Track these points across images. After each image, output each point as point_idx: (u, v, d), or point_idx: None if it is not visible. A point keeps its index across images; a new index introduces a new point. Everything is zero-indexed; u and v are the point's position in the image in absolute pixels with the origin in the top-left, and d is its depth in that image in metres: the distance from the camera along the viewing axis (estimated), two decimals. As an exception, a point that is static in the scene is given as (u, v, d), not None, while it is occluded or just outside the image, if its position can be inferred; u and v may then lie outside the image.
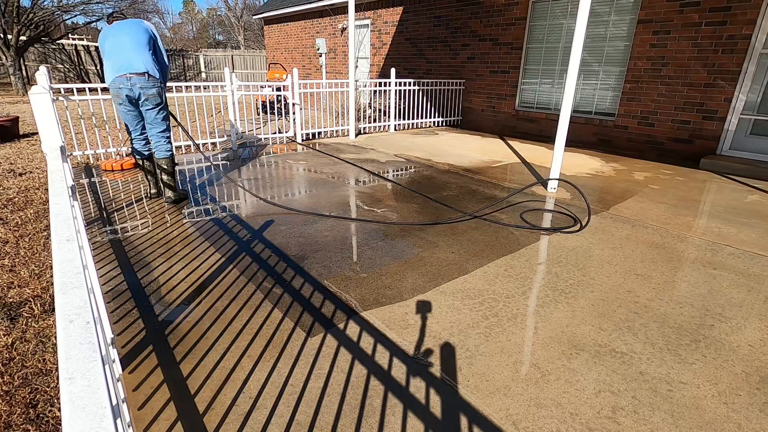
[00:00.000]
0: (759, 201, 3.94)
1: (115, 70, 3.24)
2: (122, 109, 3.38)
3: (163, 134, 3.54)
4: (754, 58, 4.92)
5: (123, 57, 3.25)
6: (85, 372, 0.51)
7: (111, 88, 3.29)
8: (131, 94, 3.30)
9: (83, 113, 6.05)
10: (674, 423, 1.47)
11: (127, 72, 3.23)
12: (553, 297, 2.27)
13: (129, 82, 3.24)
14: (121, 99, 3.31)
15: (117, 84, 3.25)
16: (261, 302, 2.18)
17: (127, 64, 3.24)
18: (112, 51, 3.28)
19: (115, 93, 3.30)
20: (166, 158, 3.57)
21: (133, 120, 3.47)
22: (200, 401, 1.54)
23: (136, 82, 3.26)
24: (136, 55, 3.28)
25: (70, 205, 1.13)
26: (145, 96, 3.33)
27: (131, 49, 3.27)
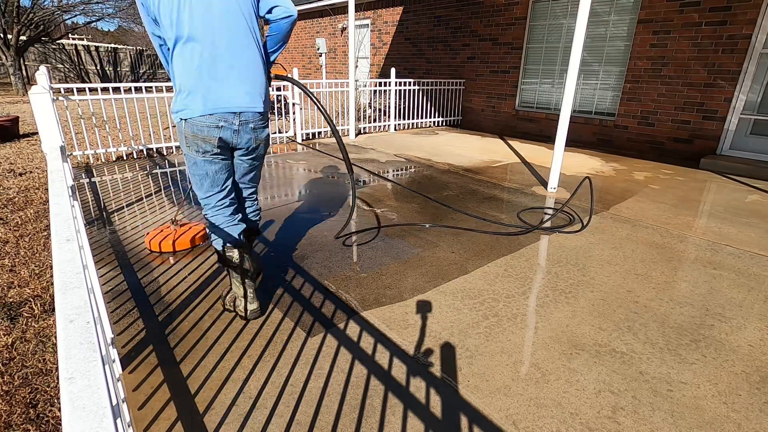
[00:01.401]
0: (759, 201, 3.94)
1: (211, 97, 1.76)
2: (207, 160, 1.86)
3: (256, 193, 2.22)
4: (754, 58, 4.91)
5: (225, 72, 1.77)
6: (85, 372, 0.51)
7: (195, 125, 1.77)
8: (234, 141, 1.86)
9: (83, 113, 6.05)
10: (674, 423, 1.47)
11: (237, 107, 1.80)
12: (553, 297, 2.27)
13: (237, 119, 1.81)
14: (211, 145, 1.82)
15: (213, 122, 1.78)
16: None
17: (235, 92, 1.79)
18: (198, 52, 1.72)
19: (201, 134, 1.79)
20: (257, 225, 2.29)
21: (221, 177, 1.94)
22: (200, 401, 1.54)
23: (249, 120, 1.85)
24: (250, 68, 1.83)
25: (70, 205, 1.13)
26: (256, 142, 1.94)
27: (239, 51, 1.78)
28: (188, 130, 1.79)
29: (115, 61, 18.60)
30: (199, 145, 1.81)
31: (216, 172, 1.91)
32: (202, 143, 1.81)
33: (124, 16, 18.49)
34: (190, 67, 1.73)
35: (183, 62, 1.74)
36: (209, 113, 1.76)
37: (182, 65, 1.74)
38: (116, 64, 18.65)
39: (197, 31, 1.70)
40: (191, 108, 1.76)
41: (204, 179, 1.91)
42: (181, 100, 1.77)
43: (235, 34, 1.76)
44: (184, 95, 1.75)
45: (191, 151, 1.85)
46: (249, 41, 1.80)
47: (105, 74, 18.27)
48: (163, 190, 4.00)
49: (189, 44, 1.71)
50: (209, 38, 1.72)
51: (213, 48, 1.73)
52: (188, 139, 1.81)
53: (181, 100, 1.77)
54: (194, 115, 1.76)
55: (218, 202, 1.97)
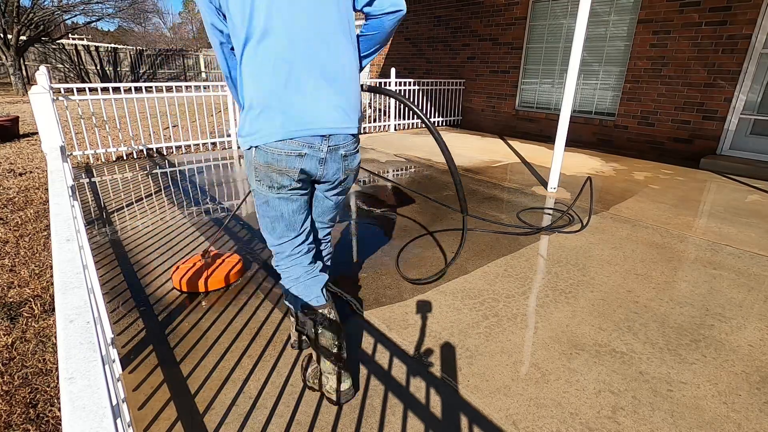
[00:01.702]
0: (759, 201, 3.94)
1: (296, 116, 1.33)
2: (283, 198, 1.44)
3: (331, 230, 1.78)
4: (754, 58, 4.91)
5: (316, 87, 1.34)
6: (85, 372, 0.51)
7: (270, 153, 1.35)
8: (317, 171, 1.43)
9: (83, 113, 6.05)
10: (674, 423, 1.47)
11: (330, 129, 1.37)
12: (553, 297, 2.27)
13: (325, 145, 1.38)
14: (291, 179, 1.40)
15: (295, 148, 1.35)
16: (261, 302, 2.17)
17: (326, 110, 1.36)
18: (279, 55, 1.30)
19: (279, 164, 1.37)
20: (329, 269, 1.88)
21: (299, 219, 1.52)
22: (200, 401, 1.54)
23: (340, 144, 1.42)
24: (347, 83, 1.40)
25: (70, 205, 1.13)
26: (345, 173, 1.51)
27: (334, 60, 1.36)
28: (260, 160, 1.35)
29: (115, 61, 18.60)
30: (274, 179, 1.37)
31: (294, 212, 1.47)
32: (277, 176, 1.36)
33: (124, 16, 18.50)
34: (267, 74, 1.28)
35: (256, 68, 1.29)
36: (290, 137, 1.31)
37: (255, 72, 1.29)
38: (116, 64, 18.65)
39: (278, 28, 1.26)
40: (266, 130, 1.31)
41: (277, 222, 1.48)
42: (251, 121, 1.32)
43: (328, 32, 1.32)
44: (256, 113, 1.31)
45: (263, 186, 1.41)
46: (345, 42, 1.35)
47: (105, 74, 18.28)
48: (164, 190, 4.00)
49: (265, 44, 1.27)
50: (294, 37, 1.27)
51: (298, 50, 1.28)
52: (259, 171, 1.37)
53: (252, 120, 1.32)
54: (270, 140, 1.31)
55: (294, 249, 1.53)
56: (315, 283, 1.55)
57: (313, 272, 1.57)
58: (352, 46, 1.39)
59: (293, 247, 1.54)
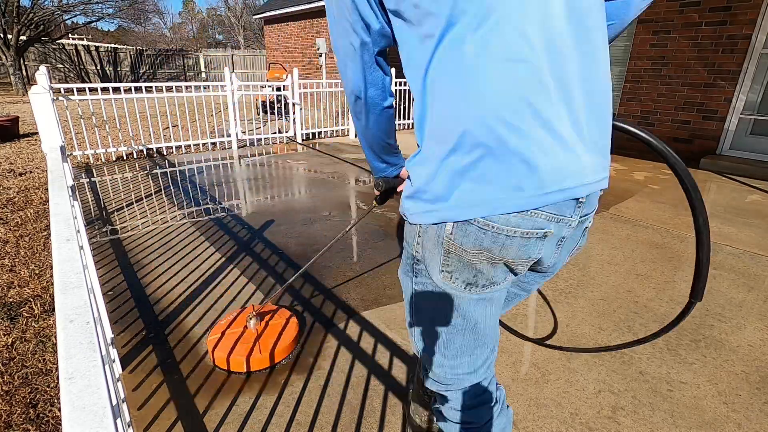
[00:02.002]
0: (759, 201, 3.94)
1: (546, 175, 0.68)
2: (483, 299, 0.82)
3: None
4: (754, 58, 4.91)
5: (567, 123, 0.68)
6: (85, 372, 0.51)
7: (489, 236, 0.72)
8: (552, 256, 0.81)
9: (83, 113, 6.05)
10: (674, 423, 1.47)
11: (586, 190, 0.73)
12: (553, 297, 2.27)
13: (578, 213, 0.75)
14: (508, 271, 0.80)
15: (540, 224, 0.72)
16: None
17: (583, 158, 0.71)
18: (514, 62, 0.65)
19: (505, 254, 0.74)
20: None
21: (493, 325, 0.88)
22: (200, 401, 1.54)
23: (591, 210, 0.80)
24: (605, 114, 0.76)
25: (70, 205, 1.13)
26: (578, 248, 0.88)
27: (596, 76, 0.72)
28: (465, 242, 0.75)
29: (115, 61, 18.61)
30: (484, 273, 0.79)
31: (491, 317, 0.87)
32: (489, 269, 0.79)
33: (124, 16, 18.50)
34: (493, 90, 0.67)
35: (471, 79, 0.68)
36: (538, 206, 0.71)
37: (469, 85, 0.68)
38: (116, 64, 18.66)
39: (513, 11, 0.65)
40: (491, 194, 0.71)
41: (464, 334, 0.87)
42: (452, 175, 0.73)
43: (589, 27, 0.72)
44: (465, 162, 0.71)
45: (453, 281, 0.81)
46: (604, 45, 0.76)
47: (105, 74, 18.28)
48: (164, 190, 4.00)
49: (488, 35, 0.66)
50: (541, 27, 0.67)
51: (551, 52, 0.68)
52: (455, 259, 0.78)
53: (455, 173, 0.72)
54: (498, 212, 0.71)
55: (481, 374, 0.92)
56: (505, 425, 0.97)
57: (501, 407, 0.97)
58: (607, 51, 0.77)
59: (478, 372, 0.91)
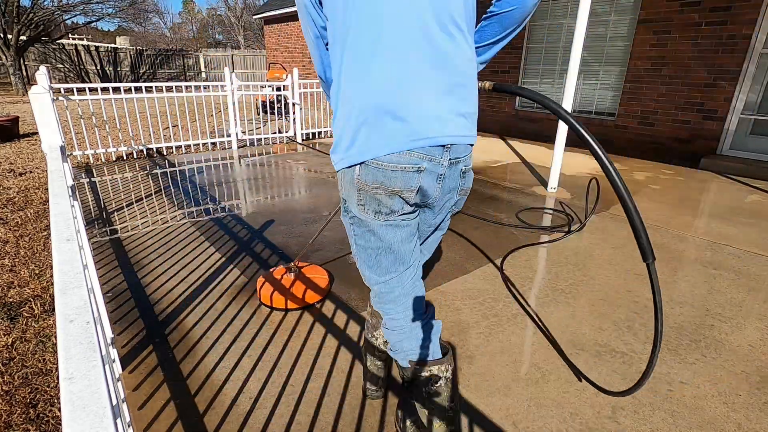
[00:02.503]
0: (759, 201, 3.94)
1: (415, 123, 1.04)
2: (391, 225, 1.17)
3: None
4: (754, 58, 4.91)
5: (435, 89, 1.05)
6: (85, 372, 0.51)
7: (380, 169, 1.07)
8: (433, 192, 1.15)
9: (83, 113, 6.05)
10: (674, 423, 1.47)
11: (450, 138, 1.08)
12: (553, 297, 2.27)
13: (446, 157, 1.10)
14: (402, 201, 1.14)
15: (413, 161, 1.06)
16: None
17: (442, 115, 1.06)
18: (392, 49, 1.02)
19: (391, 185, 1.08)
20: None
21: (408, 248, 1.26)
22: (200, 401, 1.54)
23: (461, 156, 1.15)
24: (468, 82, 1.11)
25: (70, 205, 1.13)
26: (463, 190, 1.25)
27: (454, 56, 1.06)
28: (367, 179, 1.07)
29: (115, 61, 18.60)
30: (383, 202, 1.10)
31: (403, 241, 1.18)
32: (387, 199, 1.09)
33: (124, 16, 18.50)
34: (378, 70, 1.01)
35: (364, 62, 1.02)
36: (408, 148, 1.03)
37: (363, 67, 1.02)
38: (116, 64, 18.65)
39: (390, 13, 0.99)
40: (376, 141, 1.03)
41: (383, 255, 1.20)
42: (354, 128, 1.05)
43: (448, 17, 1.03)
44: (361, 119, 1.03)
45: (366, 212, 1.13)
46: (466, 30, 1.09)
47: (105, 74, 18.28)
48: (164, 190, 4.00)
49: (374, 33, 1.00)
50: (408, 24, 1.00)
51: (415, 40, 1.00)
52: (364, 194, 1.10)
53: (353, 130, 1.05)
54: (380, 154, 1.03)
55: (404, 288, 1.25)
56: (427, 333, 1.25)
57: (425, 318, 1.28)
58: (473, 39, 1.15)
59: (403, 286, 1.25)
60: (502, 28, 1.19)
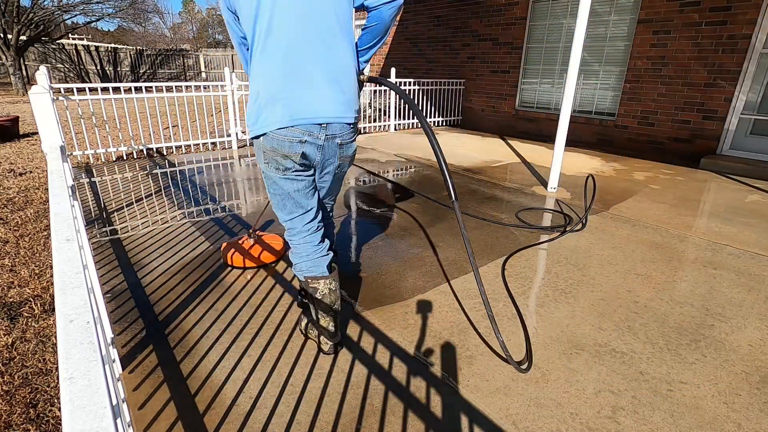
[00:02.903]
0: (759, 201, 3.94)
1: (297, 106, 1.49)
2: (288, 179, 1.61)
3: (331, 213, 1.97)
4: (754, 58, 4.91)
5: (315, 80, 1.50)
6: (85, 372, 0.51)
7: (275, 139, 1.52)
8: (315, 157, 1.60)
9: (83, 113, 6.05)
10: (674, 423, 1.47)
11: (324, 118, 1.53)
12: (553, 297, 2.27)
13: (324, 133, 1.55)
14: (293, 162, 1.57)
15: (296, 135, 1.51)
16: (261, 302, 2.18)
17: (323, 101, 1.52)
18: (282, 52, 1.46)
19: (283, 149, 1.53)
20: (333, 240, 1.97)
21: (305, 197, 1.67)
22: (200, 401, 1.54)
23: (336, 133, 1.58)
24: (343, 75, 1.55)
25: (70, 205, 1.13)
26: (341, 159, 1.69)
27: (331, 55, 1.51)
28: (267, 145, 1.53)
29: (115, 61, 18.61)
30: (279, 162, 1.55)
31: (299, 191, 1.63)
32: (282, 160, 1.54)
33: (124, 16, 18.50)
34: (272, 68, 1.46)
35: (264, 62, 1.47)
36: (292, 125, 1.48)
37: (263, 66, 1.47)
38: (116, 64, 18.66)
39: (281, 26, 1.42)
40: (271, 119, 1.48)
41: (285, 200, 1.66)
42: (258, 109, 1.50)
43: (327, 33, 1.47)
44: (263, 103, 1.49)
45: (270, 168, 1.59)
46: (343, 41, 1.52)
47: (105, 74, 18.28)
48: (164, 190, 4.01)
49: (271, 41, 1.44)
50: (295, 35, 1.43)
51: (301, 49, 1.45)
52: (266, 155, 1.56)
53: (259, 108, 1.50)
54: (274, 128, 1.48)
55: (304, 226, 1.69)
56: (323, 261, 1.72)
57: (322, 251, 1.73)
58: (349, 44, 1.56)
59: (303, 224, 1.70)
60: (371, 37, 1.65)
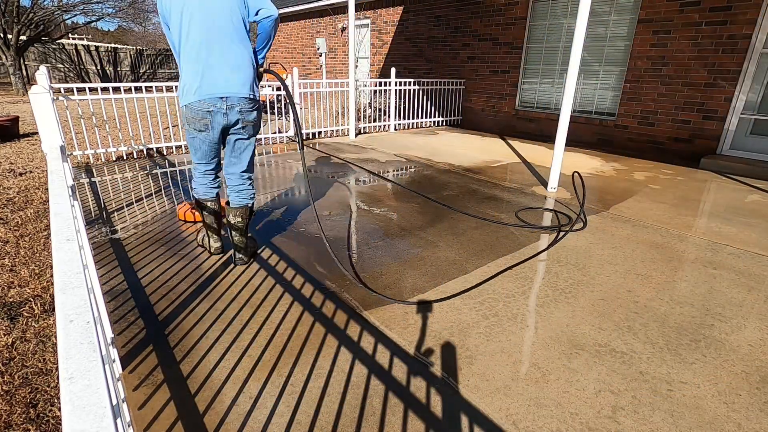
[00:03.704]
0: (759, 201, 3.94)
1: (206, 84, 2.21)
2: (202, 139, 2.36)
3: (249, 174, 2.57)
4: (754, 58, 4.91)
5: (218, 64, 2.22)
6: (85, 372, 0.51)
7: (193, 109, 2.24)
8: (226, 122, 2.31)
9: (83, 113, 6.05)
10: (674, 423, 1.47)
11: (225, 92, 2.23)
12: (553, 297, 2.27)
13: (225, 105, 2.25)
14: (207, 126, 2.29)
15: (206, 106, 2.23)
16: (261, 302, 2.18)
17: (225, 80, 2.23)
18: (197, 45, 2.19)
19: (197, 116, 2.26)
20: (245, 207, 2.55)
21: (211, 152, 2.45)
22: (200, 401, 1.54)
23: (236, 104, 2.28)
24: (238, 61, 2.26)
25: (70, 205, 1.13)
26: (243, 123, 2.36)
27: (229, 47, 2.24)
28: (187, 113, 2.30)
29: (115, 61, 18.60)
30: (196, 125, 2.32)
31: (207, 147, 2.44)
32: (197, 124, 2.31)
33: (124, 16, 18.49)
34: (189, 63, 2.22)
35: (184, 59, 2.24)
36: (201, 99, 2.23)
37: (184, 61, 2.24)
38: (116, 64, 18.65)
39: (194, 35, 2.20)
40: (189, 96, 2.24)
41: (197, 150, 2.45)
42: (182, 89, 2.28)
43: (227, 36, 2.24)
44: (185, 86, 2.25)
45: (189, 128, 2.36)
46: (238, 41, 2.28)
47: (105, 74, 18.27)
48: (164, 190, 4.00)
49: (188, 45, 2.22)
50: (204, 40, 2.20)
51: (207, 48, 2.21)
52: (188, 120, 2.33)
53: (182, 89, 2.28)
54: (191, 101, 2.24)
55: (206, 170, 2.54)
56: (212, 191, 2.58)
57: (214, 185, 2.59)
58: (244, 46, 2.30)
59: (205, 169, 2.52)
60: (261, 40, 2.37)
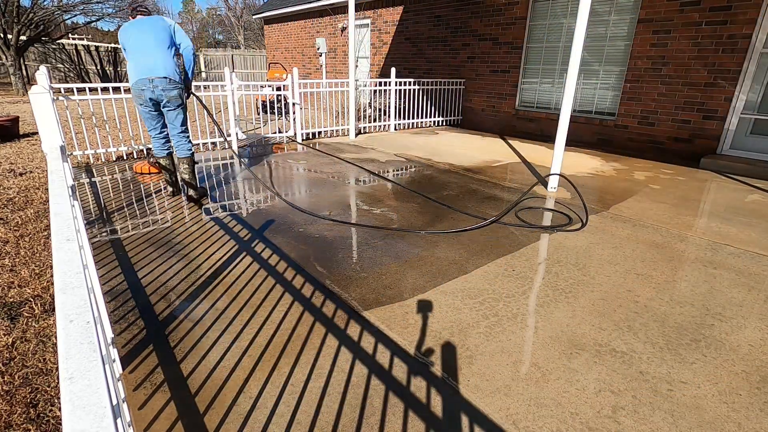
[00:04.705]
0: (759, 200, 3.94)
1: (138, 71, 3.32)
2: (143, 110, 3.48)
3: (183, 134, 3.64)
4: (754, 58, 4.91)
5: (146, 59, 3.33)
6: (86, 372, 0.51)
7: (133, 89, 3.38)
8: (153, 96, 3.39)
9: (83, 113, 6.05)
10: (674, 422, 1.47)
11: (150, 75, 3.31)
12: (553, 296, 2.27)
13: (151, 84, 3.33)
14: (143, 100, 3.40)
15: (139, 86, 3.34)
16: (261, 302, 2.18)
17: (150, 67, 3.32)
18: (135, 50, 3.35)
19: (137, 94, 3.38)
20: (186, 157, 3.69)
21: (152, 120, 3.55)
22: (200, 401, 1.54)
23: (158, 84, 3.34)
24: (159, 57, 3.35)
25: (70, 205, 1.13)
26: (167, 98, 3.42)
27: (154, 50, 3.34)
28: (132, 91, 3.44)
29: (115, 61, 18.59)
30: (137, 99, 3.45)
31: (150, 116, 3.55)
32: (138, 99, 3.44)
33: (124, 16, 18.46)
34: (132, 65, 3.39)
35: (130, 64, 3.41)
36: (137, 79, 3.36)
37: (130, 63, 3.40)
38: (116, 64, 18.64)
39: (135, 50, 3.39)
40: (132, 80, 3.39)
41: (144, 119, 3.58)
42: (129, 75, 3.41)
43: (155, 50, 3.37)
44: (130, 75, 3.41)
45: (136, 103, 3.49)
46: (163, 55, 3.39)
47: (105, 74, 18.27)
48: (164, 190, 4.00)
49: (131, 57, 3.40)
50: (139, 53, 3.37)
51: (141, 57, 3.36)
52: (133, 97, 3.46)
53: (130, 75, 3.41)
54: (132, 82, 3.40)
55: (155, 134, 3.66)
56: (163, 151, 3.72)
57: (165, 147, 3.73)
58: (169, 57, 3.41)
59: (155, 134, 3.66)
60: (186, 62, 3.63)
